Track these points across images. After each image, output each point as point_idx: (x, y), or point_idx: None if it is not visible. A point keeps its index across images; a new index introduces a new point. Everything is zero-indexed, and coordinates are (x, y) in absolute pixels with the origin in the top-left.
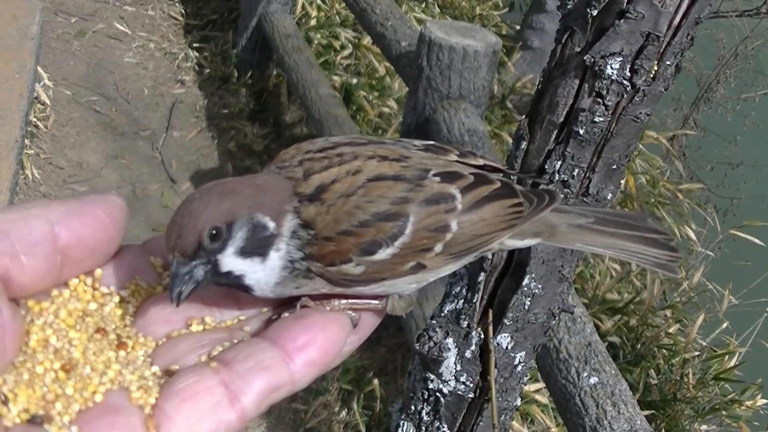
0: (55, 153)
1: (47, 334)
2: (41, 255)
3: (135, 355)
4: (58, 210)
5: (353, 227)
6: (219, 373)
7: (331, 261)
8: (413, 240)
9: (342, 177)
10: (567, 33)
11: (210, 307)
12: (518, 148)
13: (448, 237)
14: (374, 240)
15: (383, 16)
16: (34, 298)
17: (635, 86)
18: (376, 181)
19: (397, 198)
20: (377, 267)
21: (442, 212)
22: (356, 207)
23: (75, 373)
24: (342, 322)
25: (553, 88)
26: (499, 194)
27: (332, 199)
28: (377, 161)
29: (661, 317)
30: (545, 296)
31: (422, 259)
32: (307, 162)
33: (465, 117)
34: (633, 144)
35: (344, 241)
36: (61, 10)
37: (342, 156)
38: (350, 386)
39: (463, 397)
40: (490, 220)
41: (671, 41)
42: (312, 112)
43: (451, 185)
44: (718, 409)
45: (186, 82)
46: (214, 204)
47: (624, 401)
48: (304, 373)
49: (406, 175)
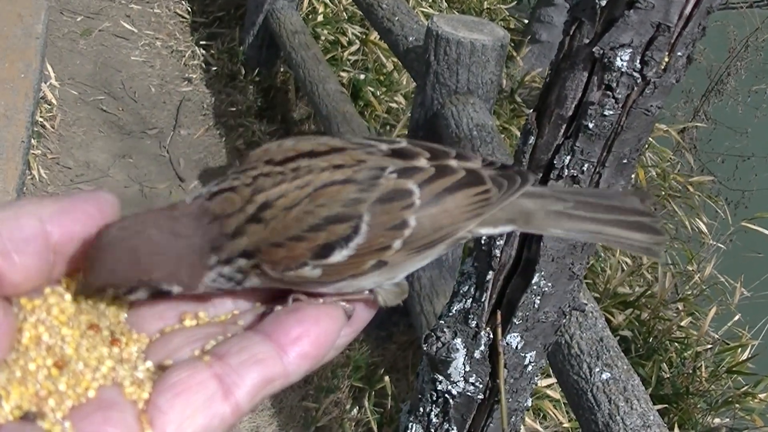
0: (62, 153)
1: (40, 332)
2: (33, 253)
3: (128, 351)
4: (49, 207)
5: (303, 232)
6: (212, 367)
7: (286, 266)
8: (369, 240)
9: (290, 191)
10: (575, 24)
11: (204, 302)
12: (526, 143)
13: (407, 233)
14: (327, 243)
15: (390, 11)
16: (27, 296)
17: (646, 78)
18: (322, 188)
19: (348, 199)
20: (336, 268)
21: (399, 209)
22: (305, 213)
23: (68, 370)
24: (335, 314)
25: (561, 81)
26: (463, 183)
27: (274, 214)
28: (329, 172)
29: (673, 310)
30: (555, 294)
31: (382, 257)
32: (262, 177)
33: (473, 112)
34: (644, 138)
35: (295, 246)
36: (67, 8)
37: (297, 171)
38: (361, 384)
39: (472, 398)
40: (452, 211)
41: (682, 31)
42: (320, 108)
43: (409, 180)
44: (732, 402)
45: (193, 80)
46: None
47: (636, 396)
48: (297, 365)
49: (357, 177)
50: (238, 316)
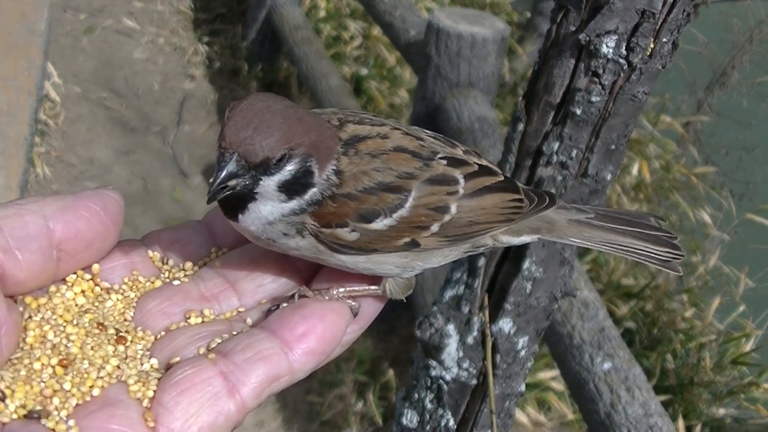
0: (65, 150)
1: (45, 330)
2: (37, 250)
3: (134, 349)
4: (52, 205)
5: (357, 192)
6: (217, 364)
7: (327, 222)
8: (411, 215)
9: (373, 136)
10: (562, 12)
11: (209, 300)
12: (515, 130)
13: (446, 218)
14: (374, 208)
15: (391, 5)
16: (32, 294)
17: (632, 64)
18: (398, 151)
19: (403, 172)
20: (372, 236)
21: (444, 193)
22: (366, 172)
23: (73, 368)
24: (341, 311)
25: (549, 68)
26: (502, 187)
27: (363, 154)
28: (401, 133)
29: (677, 302)
30: (547, 280)
31: (417, 236)
32: (340, 113)
33: (475, 104)
34: (632, 123)
35: (345, 204)
36: (70, 6)
37: (371, 119)
38: (365, 377)
39: (465, 383)
40: (489, 210)
41: (667, 18)
42: (322, 103)
43: (456, 170)
44: (736, 393)
45: (196, 76)
46: (291, 127)
47: (638, 386)
48: (303, 362)
49: (422, 153)
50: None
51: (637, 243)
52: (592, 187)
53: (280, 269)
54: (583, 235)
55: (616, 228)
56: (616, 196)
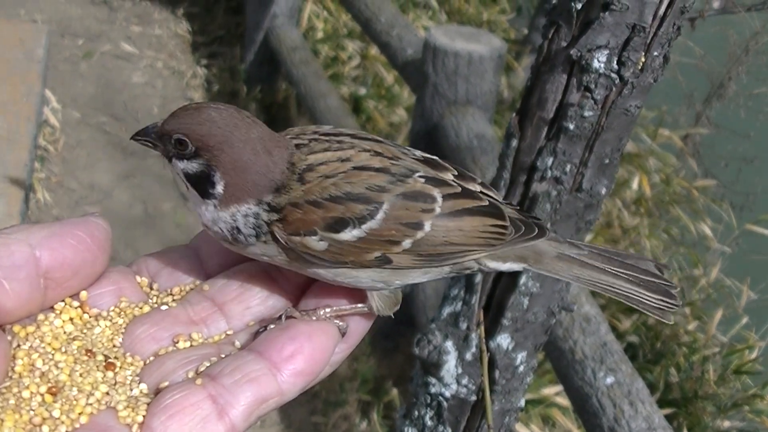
0: (66, 175)
1: (33, 359)
2: (24, 279)
3: (123, 374)
4: (39, 233)
5: (323, 200)
6: (206, 388)
7: (295, 229)
8: (382, 228)
9: (331, 161)
10: (553, 28)
11: (197, 324)
12: (509, 147)
13: (418, 235)
14: (341, 217)
15: (388, 24)
16: (20, 323)
17: (623, 79)
18: (359, 170)
19: (374, 185)
20: (341, 248)
21: (418, 210)
22: (332, 185)
23: (62, 396)
24: (329, 331)
25: (541, 84)
26: (484, 211)
27: (312, 178)
28: (370, 155)
29: (680, 315)
30: (544, 295)
31: (389, 251)
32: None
33: (473, 122)
34: (625, 137)
35: (311, 211)
36: (68, 32)
37: (341, 143)
38: (369, 396)
39: (465, 400)
40: (467, 232)
41: (657, 32)
42: (321, 123)
43: (435, 188)
44: (741, 405)
45: (195, 99)
46: (203, 127)
47: (641, 400)
48: (291, 383)
49: (392, 170)
50: (232, 336)
51: (629, 287)
52: (587, 201)
53: (268, 291)
54: (572, 272)
55: (608, 269)
56: (617, 210)
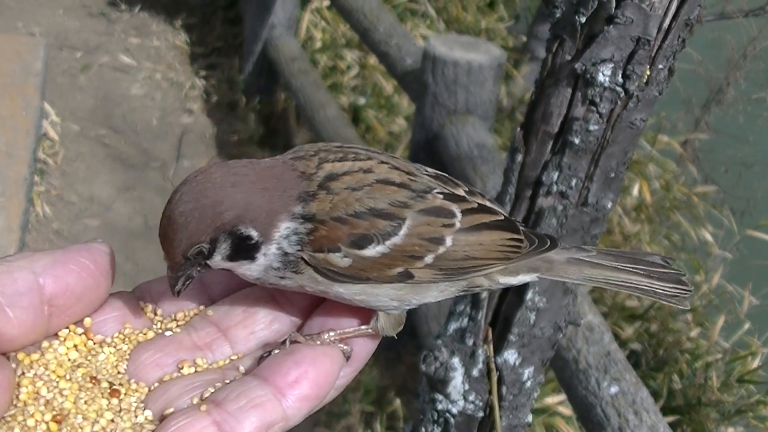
0: (65, 188)
1: (38, 386)
2: (27, 306)
3: (128, 401)
4: (42, 260)
5: (348, 216)
6: (211, 414)
7: (319, 246)
8: (405, 244)
9: (354, 171)
10: (557, 41)
11: (201, 349)
12: (514, 161)
13: (440, 250)
14: (366, 234)
15: (387, 33)
16: (24, 350)
17: (628, 92)
18: (383, 183)
19: (397, 201)
20: (364, 264)
21: (440, 225)
22: (356, 200)
23: (66, 424)
24: (333, 355)
25: (546, 98)
26: (501, 225)
27: (338, 189)
28: (389, 167)
29: (682, 322)
30: (550, 310)
31: (411, 266)
32: (323, 152)
33: (473, 131)
34: (630, 151)
35: (336, 228)
36: (66, 44)
37: (357, 154)
38: (372, 407)
39: (472, 416)
40: (486, 246)
41: (662, 45)
42: (321, 133)
43: (453, 204)
44: (744, 411)
45: (194, 110)
46: (199, 218)
47: (646, 408)
48: (297, 408)
49: (412, 186)
50: (236, 361)
51: (642, 279)
52: (593, 215)
53: (272, 316)
54: (584, 273)
55: (619, 266)
56: (617, 217)
